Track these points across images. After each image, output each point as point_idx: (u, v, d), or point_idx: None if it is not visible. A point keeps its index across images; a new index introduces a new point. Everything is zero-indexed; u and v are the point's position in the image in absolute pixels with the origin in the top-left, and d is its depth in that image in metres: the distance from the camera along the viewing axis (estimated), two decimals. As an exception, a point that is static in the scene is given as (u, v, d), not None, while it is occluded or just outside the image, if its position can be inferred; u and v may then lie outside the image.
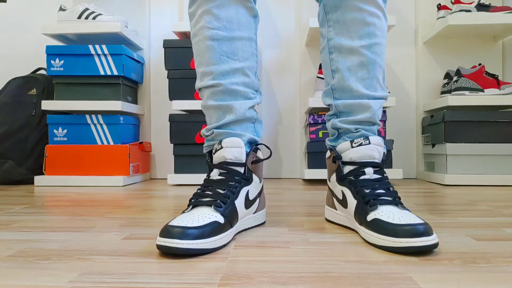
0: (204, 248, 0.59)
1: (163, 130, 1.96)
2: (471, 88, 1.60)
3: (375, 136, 0.75)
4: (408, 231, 0.58)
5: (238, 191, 0.71)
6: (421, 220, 0.61)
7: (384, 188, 0.70)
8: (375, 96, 0.77)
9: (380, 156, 0.74)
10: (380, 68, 0.77)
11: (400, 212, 0.64)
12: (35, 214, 0.95)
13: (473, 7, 1.66)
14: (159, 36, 1.97)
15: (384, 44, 0.77)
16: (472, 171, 1.57)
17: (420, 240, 0.58)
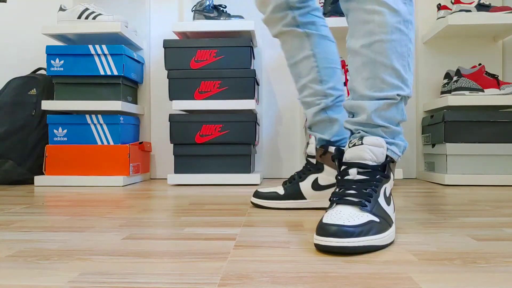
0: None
1: (163, 130, 1.96)
2: (471, 88, 1.60)
3: (372, 137, 0.72)
4: (322, 229, 0.60)
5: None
6: (354, 223, 0.61)
7: (360, 189, 0.68)
8: (377, 96, 0.74)
9: (373, 157, 0.71)
10: (385, 67, 0.74)
11: (349, 213, 0.63)
12: (35, 214, 0.95)
13: (473, 7, 1.66)
14: (159, 36, 1.97)
15: (389, 39, 0.73)
16: (472, 171, 1.57)
17: (325, 239, 0.59)
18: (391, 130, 0.76)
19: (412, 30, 0.76)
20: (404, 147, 0.78)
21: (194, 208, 1.04)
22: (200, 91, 1.65)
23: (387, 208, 0.70)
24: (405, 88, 0.75)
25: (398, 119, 0.76)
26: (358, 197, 0.67)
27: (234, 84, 1.64)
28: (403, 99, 0.76)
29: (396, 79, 0.74)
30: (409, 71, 0.76)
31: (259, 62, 1.94)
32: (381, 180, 0.70)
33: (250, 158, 1.65)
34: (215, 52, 1.66)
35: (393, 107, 0.75)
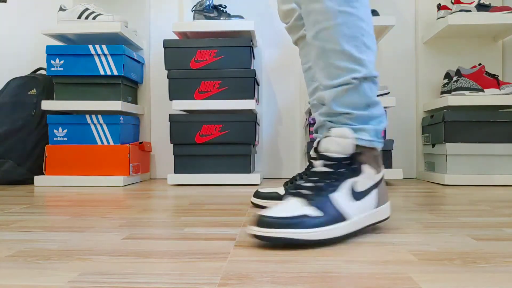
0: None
1: (163, 130, 1.96)
2: (471, 88, 1.60)
3: (339, 128, 0.71)
4: (253, 218, 0.65)
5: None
6: (282, 215, 0.62)
7: (317, 182, 0.68)
8: (333, 84, 0.72)
9: (338, 148, 0.69)
10: (335, 52, 0.71)
11: (289, 205, 0.65)
12: (35, 214, 0.95)
13: (473, 7, 1.66)
14: (159, 36, 1.97)
15: (333, 24, 0.71)
16: (472, 171, 1.57)
17: (250, 228, 0.64)
18: (355, 116, 0.72)
19: (362, 7, 0.72)
20: (376, 130, 0.73)
21: (194, 208, 1.04)
22: (200, 91, 1.65)
23: (347, 204, 0.67)
24: (361, 69, 0.71)
25: (363, 103, 0.72)
26: (309, 189, 0.67)
27: (234, 84, 1.64)
28: (364, 80, 0.71)
29: (350, 62, 0.71)
30: (367, 50, 0.72)
31: (259, 62, 1.94)
32: (344, 174, 0.69)
33: (250, 158, 1.65)
34: (215, 52, 1.66)
35: (352, 92, 0.71)
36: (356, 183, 0.70)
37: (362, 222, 0.70)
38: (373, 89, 0.73)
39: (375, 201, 0.72)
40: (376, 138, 0.73)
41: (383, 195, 0.74)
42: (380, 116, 0.74)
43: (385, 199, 0.75)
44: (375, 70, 0.73)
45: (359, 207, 0.69)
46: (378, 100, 0.74)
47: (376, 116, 0.73)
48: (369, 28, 0.73)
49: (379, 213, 0.73)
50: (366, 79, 0.72)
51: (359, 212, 0.69)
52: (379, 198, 0.73)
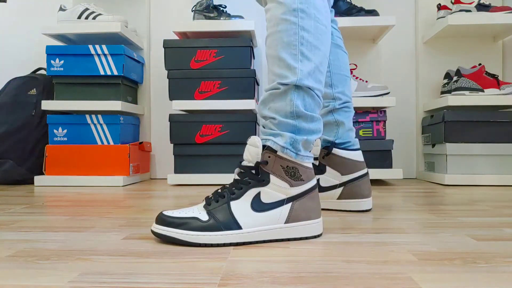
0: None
1: (163, 130, 1.96)
2: (471, 88, 1.60)
3: (253, 137, 0.70)
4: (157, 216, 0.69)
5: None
6: (176, 215, 0.66)
7: (223, 188, 0.70)
8: (266, 88, 0.73)
9: (249, 156, 0.69)
10: (272, 58, 0.72)
11: (192, 208, 0.69)
12: (35, 214, 0.95)
13: (473, 7, 1.66)
14: (159, 36, 1.97)
15: (275, 31, 0.72)
16: (472, 171, 1.57)
17: (152, 226, 0.68)
18: (277, 122, 0.70)
19: (306, 18, 0.71)
20: (294, 139, 0.69)
21: (194, 208, 1.04)
22: (200, 91, 1.65)
23: (243, 213, 0.66)
24: (290, 76, 0.69)
25: (288, 110, 0.69)
26: (214, 196, 0.69)
27: (234, 84, 1.64)
28: (294, 89, 0.69)
29: (282, 69, 0.70)
30: (304, 59, 0.70)
31: (259, 62, 1.94)
32: (249, 183, 0.68)
33: (250, 158, 1.65)
34: (215, 52, 1.66)
35: (278, 97, 0.70)
36: (261, 193, 0.68)
37: (259, 236, 0.67)
38: (307, 102, 0.70)
39: (285, 217, 0.68)
40: (291, 147, 0.69)
41: (303, 212, 0.69)
42: (311, 132, 0.71)
43: (304, 216, 0.69)
44: (310, 81, 0.70)
45: (258, 219, 0.67)
46: (312, 115, 0.71)
47: (304, 130, 0.70)
48: (313, 40, 0.71)
49: (290, 230, 0.69)
50: (297, 87, 0.69)
51: (257, 224, 0.67)
52: (294, 214, 0.68)
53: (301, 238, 0.69)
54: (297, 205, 0.69)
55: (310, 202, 0.70)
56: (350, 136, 1.00)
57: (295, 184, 0.69)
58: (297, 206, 0.69)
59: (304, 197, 0.70)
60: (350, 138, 1.00)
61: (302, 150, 0.70)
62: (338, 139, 0.99)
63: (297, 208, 0.69)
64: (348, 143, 0.99)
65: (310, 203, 0.70)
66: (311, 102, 0.71)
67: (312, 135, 0.72)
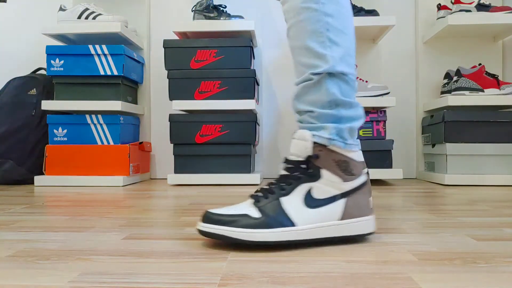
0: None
1: (163, 130, 1.96)
2: (471, 88, 1.60)
3: (301, 131, 0.67)
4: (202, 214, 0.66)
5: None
6: (226, 212, 0.63)
7: (271, 185, 0.67)
8: (297, 82, 0.70)
9: (297, 150, 0.66)
10: (299, 49, 0.69)
11: (240, 205, 0.66)
12: (35, 214, 0.95)
13: (473, 7, 1.66)
14: (159, 36, 1.97)
15: (297, 21, 0.69)
16: (472, 171, 1.57)
17: (198, 224, 0.65)
18: (316, 114, 0.67)
19: (328, 3, 0.68)
20: (338, 129, 0.66)
21: (194, 208, 1.04)
22: (200, 91, 1.65)
23: (296, 210, 0.64)
24: (322, 64, 0.66)
25: (325, 100, 0.67)
26: (262, 192, 0.66)
27: (234, 84, 1.64)
28: (327, 77, 0.66)
29: (311, 58, 0.68)
30: (333, 45, 0.67)
31: (259, 62, 1.94)
32: (299, 178, 0.65)
33: (250, 158, 1.65)
34: (215, 52, 1.66)
35: (312, 88, 0.67)
36: (313, 189, 0.65)
37: (313, 233, 0.64)
38: (343, 88, 0.67)
39: (339, 213, 0.65)
40: (338, 137, 0.66)
41: (356, 208, 0.67)
42: (352, 118, 0.68)
43: (359, 213, 0.67)
44: (343, 66, 0.67)
45: (312, 216, 0.64)
46: (351, 101, 0.68)
47: (346, 117, 0.67)
48: (339, 24, 0.68)
49: (345, 228, 0.66)
50: (330, 75, 0.66)
51: (312, 221, 0.64)
52: (348, 210, 0.66)
53: (356, 235, 0.66)
54: (350, 201, 0.66)
55: (362, 198, 0.68)
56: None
57: (348, 179, 0.66)
58: (351, 202, 0.66)
59: (356, 193, 0.67)
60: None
61: (348, 138, 0.67)
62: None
63: (351, 205, 0.66)
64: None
65: (362, 199, 0.68)
66: (346, 88, 0.68)
67: (355, 122, 0.68)
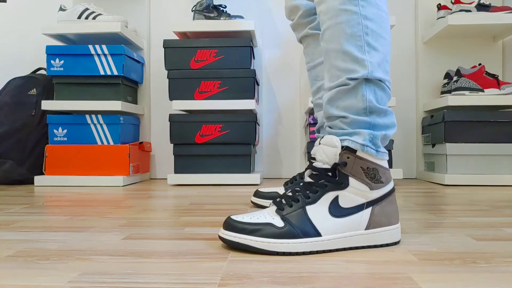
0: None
1: (163, 130, 1.96)
2: (471, 88, 1.60)
3: (328, 136, 0.65)
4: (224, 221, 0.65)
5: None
6: (249, 221, 0.62)
7: (296, 192, 0.65)
8: (331, 86, 0.68)
9: (324, 158, 0.64)
10: (336, 52, 0.67)
11: (263, 213, 0.64)
12: (35, 214, 0.95)
13: (473, 7, 1.66)
14: (159, 36, 1.97)
15: (334, 23, 0.67)
16: (472, 171, 1.57)
17: (220, 230, 0.64)
18: (350, 120, 0.65)
19: (367, 6, 0.66)
20: (373, 136, 0.65)
21: (194, 208, 1.04)
22: (200, 91, 1.65)
23: (321, 219, 0.62)
24: (360, 69, 0.65)
25: (360, 107, 0.65)
26: (286, 200, 0.64)
27: (234, 84, 1.64)
28: (364, 82, 0.65)
29: (349, 63, 0.66)
30: (372, 50, 0.66)
31: (259, 62, 1.94)
32: (325, 186, 0.63)
33: (250, 158, 1.65)
34: (215, 52, 1.66)
35: (348, 94, 0.66)
36: (339, 197, 0.63)
37: (338, 242, 0.62)
38: (378, 95, 0.66)
39: (366, 222, 0.64)
40: (372, 144, 0.64)
41: (383, 217, 0.65)
42: (385, 126, 0.66)
43: (386, 222, 0.65)
44: (380, 72, 0.66)
45: (338, 225, 0.62)
46: (386, 109, 0.66)
47: (379, 125, 0.66)
48: (378, 28, 0.67)
49: (370, 237, 0.64)
50: (367, 81, 0.65)
51: (337, 231, 0.62)
52: (374, 219, 0.64)
53: (382, 245, 0.64)
54: (377, 209, 0.64)
55: (390, 206, 0.66)
56: None
57: (375, 187, 0.64)
58: (377, 210, 0.64)
59: (384, 201, 0.65)
60: None
61: (381, 146, 0.66)
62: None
63: (378, 213, 0.64)
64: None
65: (390, 207, 0.66)
66: (382, 95, 0.66)
67: (389, 130, 0.67)
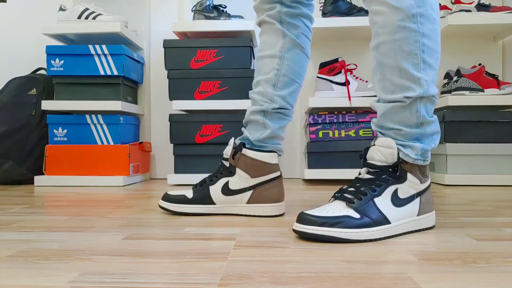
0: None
1: (163, 130, 1.96)
2: (471, 88, 1.60)
3: (383, 138, 0.73)
4: (298, 216, 0.69)
5: None
6: (325, 214, 0.67)
7: (360, 187, 0.72)
8: (387, 99, 0.73)
9: (382, 157, 0.72)
10: (391, 68, 0.71)
11: (333, 207, 0.69)
12: (35, 214, 0.95)
13: (473, 7, 1.66)
14: (159, 36, 1.97)
15: (392, 39, 0.70)
16: (472, 171, 1.57)
17: (295, 224, 0.69)
18: (404, 133, 0.73)
19: (425, 22, 0.69)
20: (424, 150, 0.73)
21: (194, 208, 1.04)
22: (200, 91, 1.65)
23: (388, 209, 0.70)
24: (416, 88, 0.70)
25: (414, 121, 0.72)
26: (352, 194, 0.71)
27: (234, 84, 1.64)
28: (419, 100, 0.71)
29: (405, 80, 0.71)
30: (427, 67, 0.70)
31: (259, 62, 1.94)
32: (388, 180, 0.71)
33: (250, 158, 1.65)
34: (215, 52, 1.66)
35: (403, 110, 0.72)
36: (398, 189, 0.72)
37: (402, 228, 0.72)
38: (428, 108, 0.72)
39: (417, 210, 0.74)
40: (422, 157, 0.73)
41: (427, 204, 0.75)
42: (433, 134, 0.74)
43: (429, 208, 0.76)
44: (433, 88, 0.72)
45: (400, 213, 0.71)
46: (433, 118, 0.73)
47: (428, 135, 0.74)
48: (433, 44, 0.71)
49: (421, 222, 0.75)
50: (422, 98, 0.71)
51: (400, 218, 0.71)
52: (422, 207, 0.74)
53: (427, 228, 0.76)
54: (423, 198, 0.75)
55: (429, 196, 0.76)
56: (274, 142, 0.95)
57: (423, 181, 0.74)
58: (423, 199, 0.75)
59: (426, 191, 0.76)
60: (270, 143, 0.94)
61: (429, 156, 0.75)
62: (259, 142, 0.93)
63: (424, 202, 0.75)
64: (263, 146, 0.93)
65: (430, 196, 0.77)
66: (431, 107, 0.73)
67: (435, 136, 0.75)
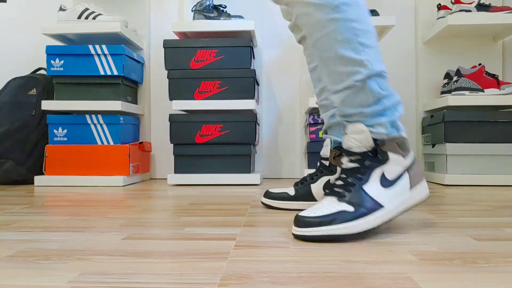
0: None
1: (163, 130, 1.96)
2: (471, 88, 1.60)
3: (352, 125, 0.73)
4: (294, 220, 0.69)
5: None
6: (319, 213, 0.66)
7: (346, 178, 0.72)
8: (339, 89, 0.74)
9: (358, 143, 0.72)
10: (333, 59, 0.73)
11: (325, 204, 0.69)
12: (35, 214, 0.95)
13: (473, 7, 1.66)
14: (159, 36, 1.97)
15: (324, 34, 0.72)
16: (472, 171, 1.57)
17: (293, 228, 0.68)
18: (367, 113, 0.73)
19: (349, 9, 0.71)
20: (391, 122, 0.73)
21: (194, 208, 1.04)
22: (200, 91, 1.65)
23: (379, 194, 0.70)
24: (362, 70, 0.71)
25: (371, 100, 0.73)
26: (341, 187, 0.71)
27: (234, 84, 1.64)
28: (369, 79, 0.72)
29: (349, 66, 0.72)
30: (366, 48, 0.72)
31: (259, 62, 1.94)
32: (371, 165, 0.72)
33: (250, 158, 1.65)
34: (215, 52, 1.66)
35: (358, 93, 0.73)
36: (385, 171, 0.72)
37: (398, 208, 0.72)
38: (380, 83, 0.73)
39: (408, 185, 0.74)
40: (393, 128, 0.74)
41: (416, 176, 0.75)
42: (394, 105, 0.74)
43: (418, 179, 0.76)
44: (379, 65, 0.73)
45: (392, 194, 0.71)
46: (388, 91, 0.74)
47: (390, 107, 0.74)
48: (364, 26, 0.73)
49: (414, 196, 0.75)
50: (370, 77, 0.72)
51: (393, 199, 0.71)
52: (412, 180, 0.74)
53: (419, 202, 0.76)
54: (411, 172, 0.75)
55: (417, 167, 0.77)
56: None
57: (406, 155, 0.75)
58: (412, 173, 0.75)
59: (413, 165, 0.76)
60: None
61: (400, 125, 0.75)
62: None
63: (412, 175, 0.75)
64: None
65: (417, 168, 0.77)
66: (383, 82, 0.74)
67: (399, 107, 0.75)
